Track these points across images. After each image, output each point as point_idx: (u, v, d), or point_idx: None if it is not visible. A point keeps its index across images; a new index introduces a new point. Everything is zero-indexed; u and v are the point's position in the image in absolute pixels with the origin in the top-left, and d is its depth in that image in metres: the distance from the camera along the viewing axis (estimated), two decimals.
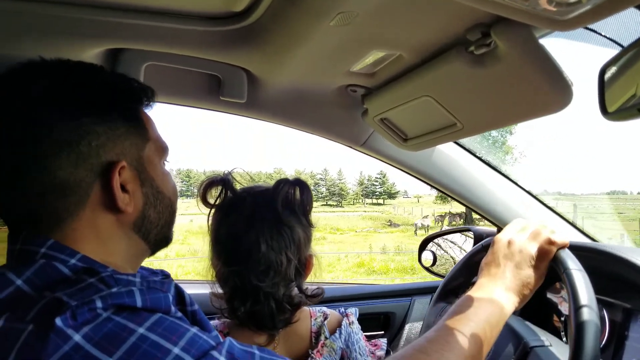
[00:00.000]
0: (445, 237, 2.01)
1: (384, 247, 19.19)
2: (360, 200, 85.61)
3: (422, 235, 26.84)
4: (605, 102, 0.75)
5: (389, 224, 35.61)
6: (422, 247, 2.02)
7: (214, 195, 1.02)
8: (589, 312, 0.78)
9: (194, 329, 0.63)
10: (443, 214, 36.16)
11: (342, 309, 1.11)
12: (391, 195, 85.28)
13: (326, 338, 1.01)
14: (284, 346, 1.00)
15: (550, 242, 0.90)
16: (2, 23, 1.00)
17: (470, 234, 1.82)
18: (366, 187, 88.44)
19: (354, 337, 1.04)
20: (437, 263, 1.99)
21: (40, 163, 0.66)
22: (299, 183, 0.99)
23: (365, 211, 58.61)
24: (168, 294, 0.65)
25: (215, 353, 0.61)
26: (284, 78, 1.21)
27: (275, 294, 0.93)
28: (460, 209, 38.30)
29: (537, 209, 1.60)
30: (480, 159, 1.59)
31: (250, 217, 0.95)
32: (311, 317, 1.06)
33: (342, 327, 1.04)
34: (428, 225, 29.36)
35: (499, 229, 1.60)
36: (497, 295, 0.87)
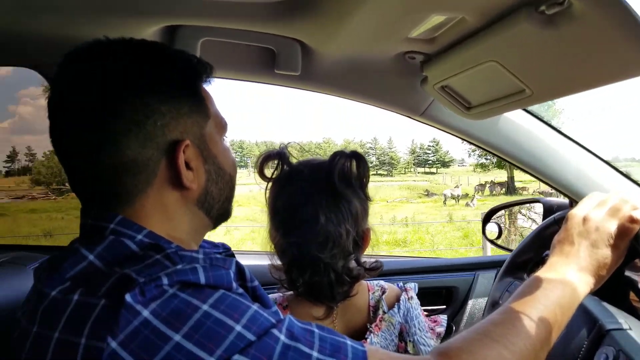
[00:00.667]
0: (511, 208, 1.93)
1: (394, 218, 18.71)
2: (412, 169, 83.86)
3: (451, 205, 25.79)
4: None
5: (425, 193, 34.65)
6: (487, 218, 1.95)
7: (270, 168, 1.02)
8: None
9: (255, 306, 0.63)
10: (483, 183, 34.84)
11: (401, 284, 1.09)
12: (445, 164, 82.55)
13: (384, 312, 1.01)
14: (342, 319, 1.00)
15: (633, 220, 0.82)
16: (61, 4, 1.03)
17: (540, 205, 1.73)
18: (418, 156, 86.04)
19: (413, 312, 1.02)
20: (502, 236, 1.92)
21: (111, 142, 0.68)
22: (355, 155, 0.97)
23: (414, 180, 57.52)
24: (230, 271, 0.66)
25: (275, 331, 0.62)
26: (339, 48, 1.17)
27: (334, 266, 0.93)
28: (502, 178, 36.81)
29: (616, 180, 1.49)
30: (550, 125, 1.49)
31: (307, 190, 0.95)
32: (369, 290, 1.05)
33: (401, 301, 1.03)
34: (458, 195, 27.92)
35: (571, 201, 1.51)
36: (570, 276, 0.81)
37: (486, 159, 47.11)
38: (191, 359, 0.55)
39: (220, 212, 0.83)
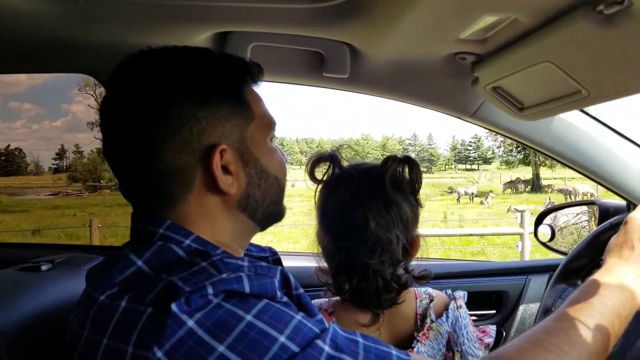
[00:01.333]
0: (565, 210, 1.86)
1: None
2: (453, 166, 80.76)
3: (465, 203, 24.67)
4: None
5: (449, 191, 33.09)
6: (539, 220, 1.88)
7: (321, 170, 1.02)
8: None
9: (299, 316, 0.64)
10: (513, 180, 33.25)
11: (449, 291, 1.07)
12: (486, 160, 78.65)
13: (432, 321, 0.99)
14: (389, 327, 0.99)
15: None
16: (116, 13, 1.07)
17: (595, 207, 1.66)
18: (459, 152, 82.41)
19: (462, 321, 1.00)
20: (555, 238, 1.85)
21: (151, 148, 0.70)
22: (407, 161, 0.96)
23: (452, 177, 55.76)
24: (274, 280, 0.66)
25: (319, 342, 0.61)
26: (388, 50, 1.17)
27: (383, 272, 0.92)
28: (530, 175, 35.39)
29: None
30: (606, 125, 1.43)
31: (357, 194, 0.94)
32: (416, 298, 1.03)
33: (450, 310, 1.01)
34: (473, 193, 26.41)
35: (629, 204, 1.44)
36: (629, 281, 0.78)
37: (511, 155, 45.14)
38: None
39: (265, 215, 0.82)
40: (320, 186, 1.02)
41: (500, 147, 47.53)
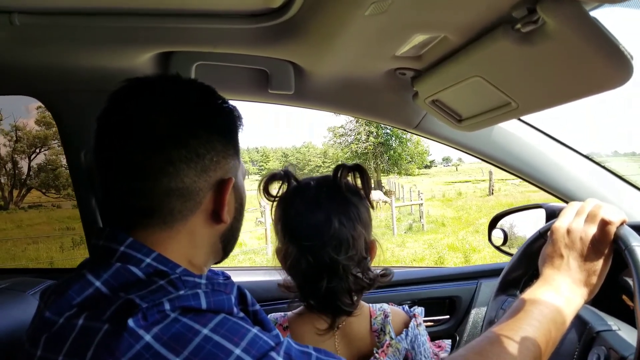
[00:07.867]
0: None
1: None
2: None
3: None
4: None
5: None
6: (492, 225, 1.94)
7: (275, 188, 1.05)
8: None
9: (255, 330, 0.65)
10: None
11: (406, 307, 1.10)
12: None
13: (392, 338, 1.00)
14: (343, 341, 1.00)
15: (607, 222, 0.84)
16: (56, 36, 1.07)
17: (542, 211, 1.73)
18: None
19: (420, 339, 1.03)
20: (507, 242, 1.90)
21: (173, 166, 0.71)
22: (357, 168, 1.01)
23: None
24: (231, 296, 0.68)
25: (274, 354, 0.63)
26: (329, 67, 1.20)
27: (350, 269, 0.94)
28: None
29: (612, 183, 1.49)
30: (545, 133, 1.50)
31: (317, 198, 0.97)
32: (371, 316, 1.04)
33: (410, 328, 1.04)
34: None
35: None
36: (564, 290, 0.83)
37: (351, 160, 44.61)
38: None
39: (231, 249, 0.86)
40: (275, 203, 1.03)
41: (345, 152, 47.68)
